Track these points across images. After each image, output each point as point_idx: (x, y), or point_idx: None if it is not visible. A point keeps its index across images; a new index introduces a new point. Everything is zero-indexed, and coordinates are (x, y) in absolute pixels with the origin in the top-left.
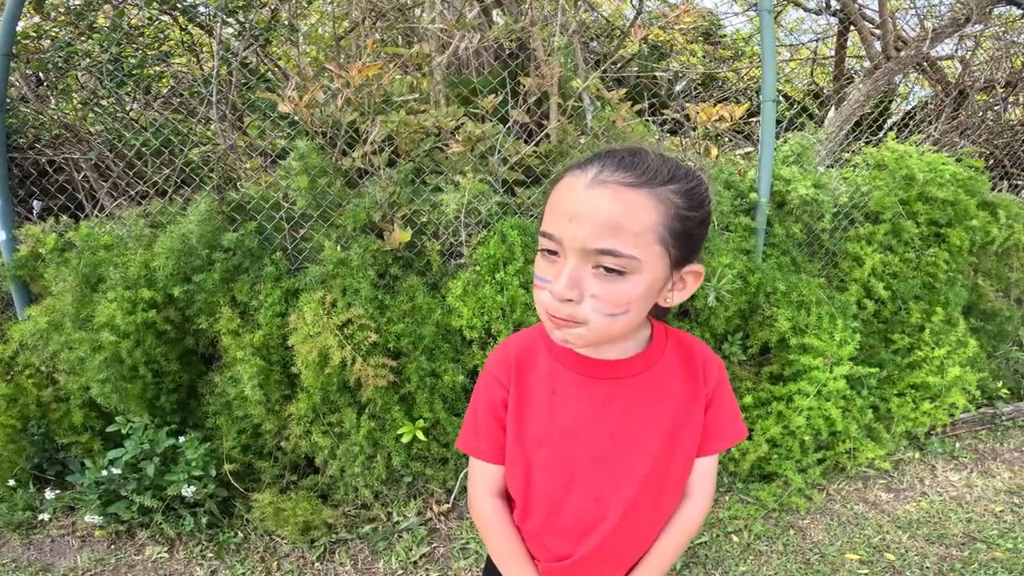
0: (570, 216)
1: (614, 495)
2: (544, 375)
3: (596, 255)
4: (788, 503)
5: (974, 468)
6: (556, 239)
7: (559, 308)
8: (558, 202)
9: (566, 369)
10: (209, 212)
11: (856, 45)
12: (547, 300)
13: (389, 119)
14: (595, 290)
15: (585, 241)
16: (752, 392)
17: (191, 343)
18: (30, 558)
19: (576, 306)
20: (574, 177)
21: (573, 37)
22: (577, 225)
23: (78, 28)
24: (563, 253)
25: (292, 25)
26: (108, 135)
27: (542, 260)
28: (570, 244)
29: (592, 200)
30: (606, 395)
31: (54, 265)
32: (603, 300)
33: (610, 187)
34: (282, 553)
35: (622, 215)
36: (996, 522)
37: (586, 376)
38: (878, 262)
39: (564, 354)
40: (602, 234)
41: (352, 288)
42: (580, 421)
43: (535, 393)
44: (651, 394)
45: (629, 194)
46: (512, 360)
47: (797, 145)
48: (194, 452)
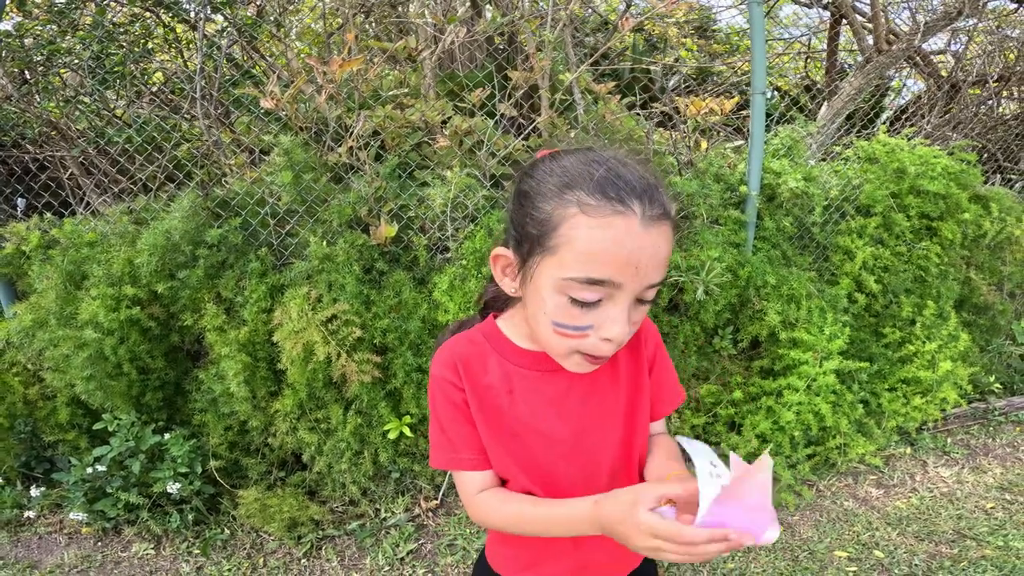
0: (635, 264)
1: (590, 486)
2: (498, 378)
3: (651, 289)
4: (777, 500)
5: (965, 464)
6: (615, 284)
7: (614, 351)
8: (605, 245)
9: (520, 368)
10: (193, 208)
11: (849, 39)
12: (593, 346)
13: (374, 114)
14: (635, 317)
15: (652, 280)
16: (742, 387)
17: (176, 340)
18: (17, 555)
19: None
20: (617, 217)
21: (564, 31)
22: (644, 271)
23: (60, 27)
24: (613, 297)
25: (278, 22)
26: (92, 132)
27: (571, 307)
28: (633, 288)
29: (654, 243)
30: (562, 387)
31: (38, 263)
32: (638, 322)
33: (660, 224)
34: (268, 550)
35: (671, 242)
36: (987, 519)
37: (542, 371)
38: (869, 255)
39: (516, 354)
40: (663, 271)
41: (338, 283)
42: (542, 417)
43: (492, 395)
44: (604, 376)
45: (665, 228)
46: (459, 363)
47: (787, 138)
48: (179, 449)
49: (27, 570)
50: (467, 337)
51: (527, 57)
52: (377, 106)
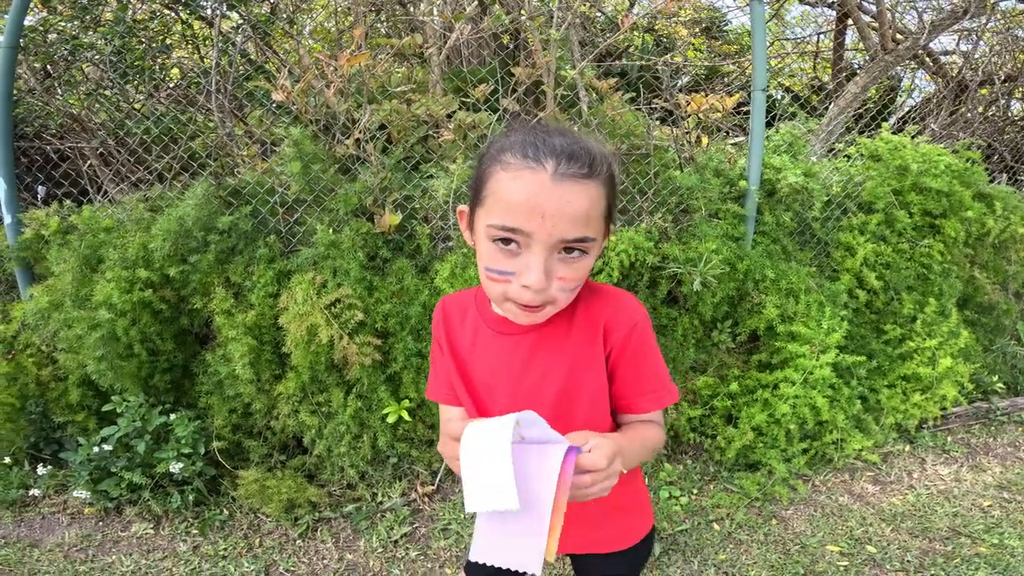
0: (541, 213)
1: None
2: (469, 330)
3: (571, 243)
4: (772, 493)
5: (965, 462)
6: (524, 233)
7: (534, 298)
8: (516, 196)
9: (485, 325)
10: (206, 196)
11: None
12: (517, 292)
13: (381, 107)
14: (562, 272)
15: (564, 233)
16: (739, 380)
17: (186, 323)
18: (19, 534)
19: (547, 290)
20: (529, 171)
21: (569, 30)
22: (551, 221)
23: (83, 22)
24: (529, 245)
25: (291, 19)
26: (112, 124)
27: (497, 252)
28: (543, 238)
29: (563, 196)
30: (508, 349)
31: (56, 247)
32: (568, 279)
33: (575, 181)
34: (265, 530)
35: (590, 207)
36: (983, 517)
37: (497, 332)
38: (870, 252)
39: (488, 313)
40: (578, 226)
41: (342, 269)
42: (492, 374)
43: (461, 346)
44: (546, 346)
45: (589, 187)
46: (442, 314)
47: (788, 135)
48: (184, 430)
49: (28, 548)
50: (463, 292)
51: (531, 53)
52: (384, 100)
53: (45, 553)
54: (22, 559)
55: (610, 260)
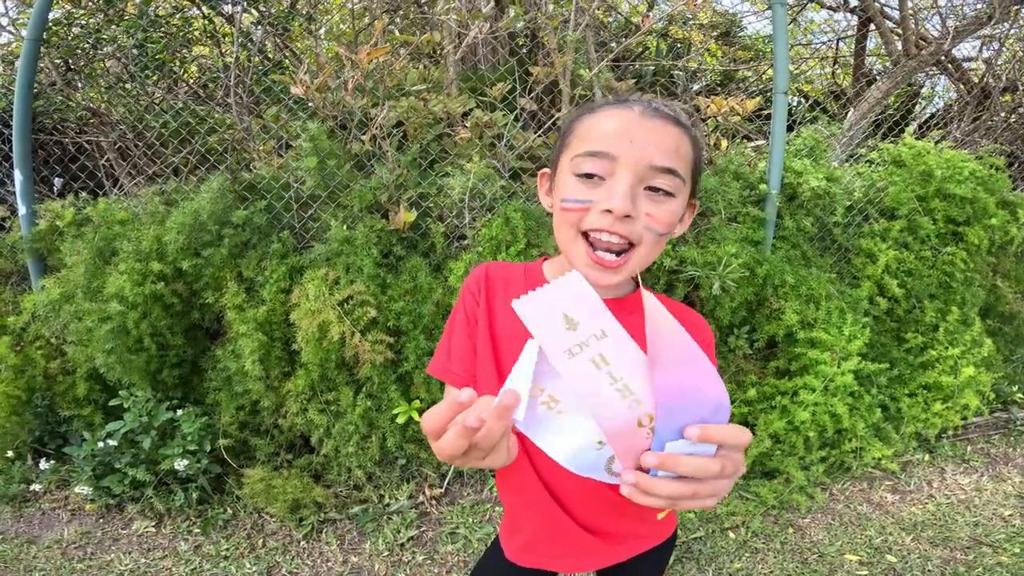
0: (630, 138)
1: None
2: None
3: (658, 174)
4: (789, 501)
5: (985, 472)
6: (611, 156)
7: (613, 225)
8: (604, 125)
9: None
10: (221, 190)
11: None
12: (595, 220)
13: (398, 104)
14: (649, 208)
15: (652, 158)
16: (756, 386)
17: (197, 317)
18: (18, 530)
19: (632, 224)
20: (618, 109)
21: (586, 31)
22: (639, 145)
23: (107, 16)
24: (614, 172)
25: (310, 15)
26: (131, 118)
27: (577, 183)
28: (630, 162)
29: (653, 126)
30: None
31: (70, 239)
32: (657, 219)
33: (665, 120)
34: (269, 531)
35: (679, 143)
36: (1004, 526)
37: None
38: (892, 259)
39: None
40: (668, 155)
41: (355, 266)
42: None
43: (502, 324)
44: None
45: (678, 130)
46: (484, 283)
47: (809, 138)
48: (190, 426)
49: (25, 544)
50: (508, 265)
51: (548, 53)
52: (401, 98)
53: (43, 550)
54: (19, 556)
55: None
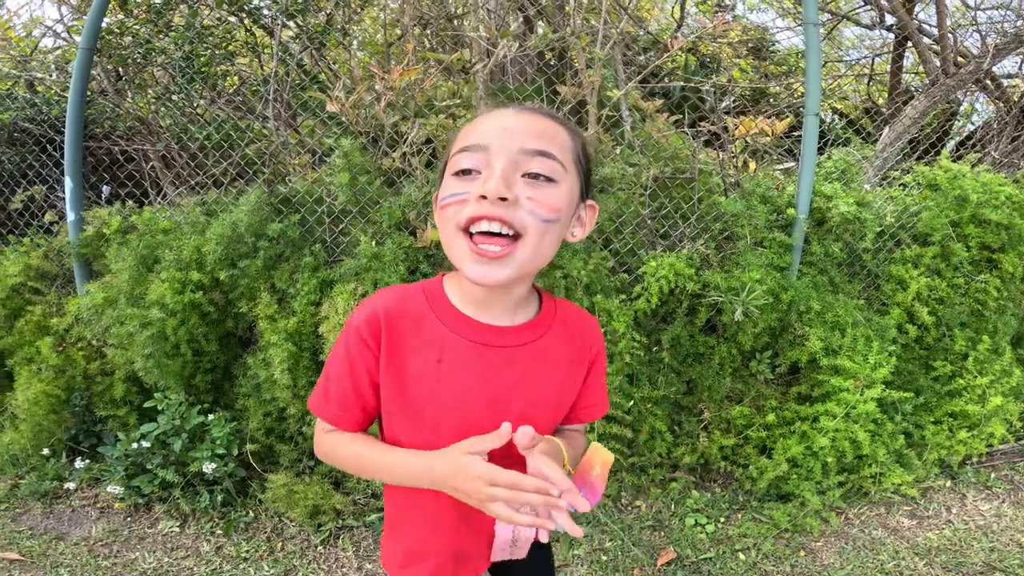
0: (502, 127)
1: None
2: (429, 340)
3: (532, 157)
4: (802, 524)
5: (1007, 498)
6: (481, 147)
7: (490, 210)
8: (480, 126)
9: (455, 335)
10: (258, 203)
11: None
12: (472, 210)
13: (428, 122)
14: (530, 193)
15: (523, 141)
16: (776, 411)
17: (231, 325)
18: (47, 526)
19: (512, 209)
20: (493, 110)
21: (614, 48)
22: (512, 134)
23: (157, 26)
24: (489, 162)
25: (345, 30)
26: (176, 128)
27: (454, 180)
28: (502, 147)
29: (525, 118)
30: (496, 364)
31: (116, 245)
32: (539, 203)
33: (539, 114)
34: (288, 535)
35: (555, 132)
36: (1020, 552)
37: (476, 343)
38: (924, 286)
39: (455, 319)
40: (541, 139)
41: (383, 282)
42: (466, 391)
43: (419, 360)
44: (538, 366)
45: (553, 121)
46: (384, 321)
47: (841, 161)
48: (220, 430)
49: (53, 541)
50: (404, 291)
51: (576, 72)
52: (431, 115)
53: (70, 546)
54: (46, 551)
55: (650, 285)
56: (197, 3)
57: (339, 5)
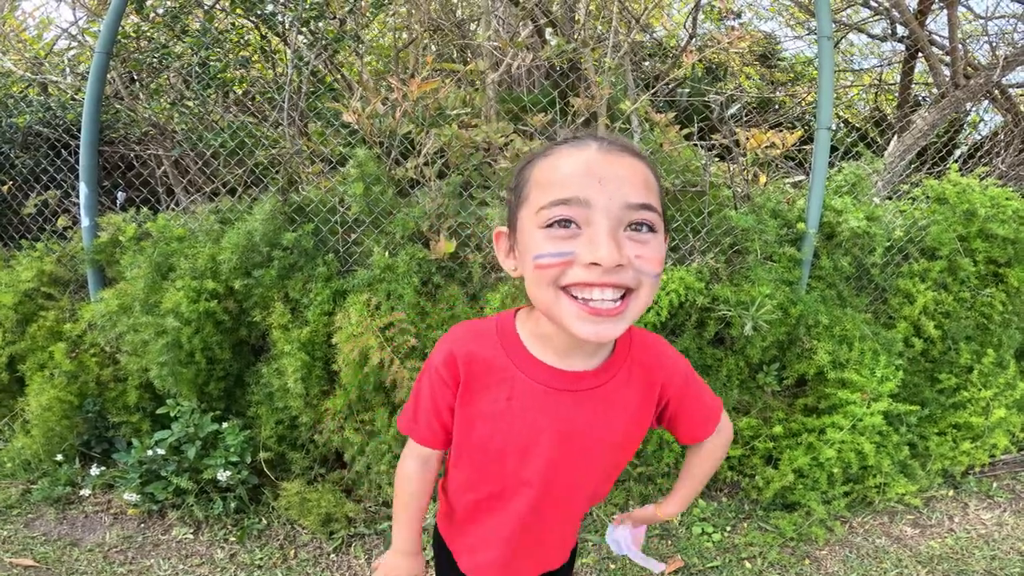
0: (598, 178)
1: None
2: (501, 380)
3: (635, 211)
4: (807, 533)
5: (1008, 507)
6: (582, 201)
7: (603, 278)
8: (566, 168)
9: (527, 378)
10: (273, 212)
11: (924, 72)
12: (581, 276)
13: (442, 132)
14: (638, 250)
15: (626, 194)
16: (783, 423)
17: (244, 334)
18: (60, 532)
19: (624, 272)
20: (573, 148)
21: (624, 59)
22: (611, 185)
23: (172, 31)
24: (590, 218)
25: (358, 36)
26: (190, 134)
27: (549, 236)
28: (606, 204)
29: (616, 163)
30: (565, 404)
31: (131, 252)
32: (647, 259)
33: (623, 154)
34: (301, 542)
35: (644, 174)
36: (1021, 560)
37: (549, 388)
38: (930, 300)
39: (528, 363)
40: (640, 191)
41: (396, 293)
42: (532, 426)
43: (488, 397)
44: (608, 408)
45: (639, 163)
46: (460, 363)
47: (851, 175)
48: (234, 438)
49: (67, 547)
50: (478, 329)
51: (588, 85)
52: (444, 125)
53: (84, 553)
54: (61, 557)
55: (660, 299)
56: (213, 7)
57: (352, 12)
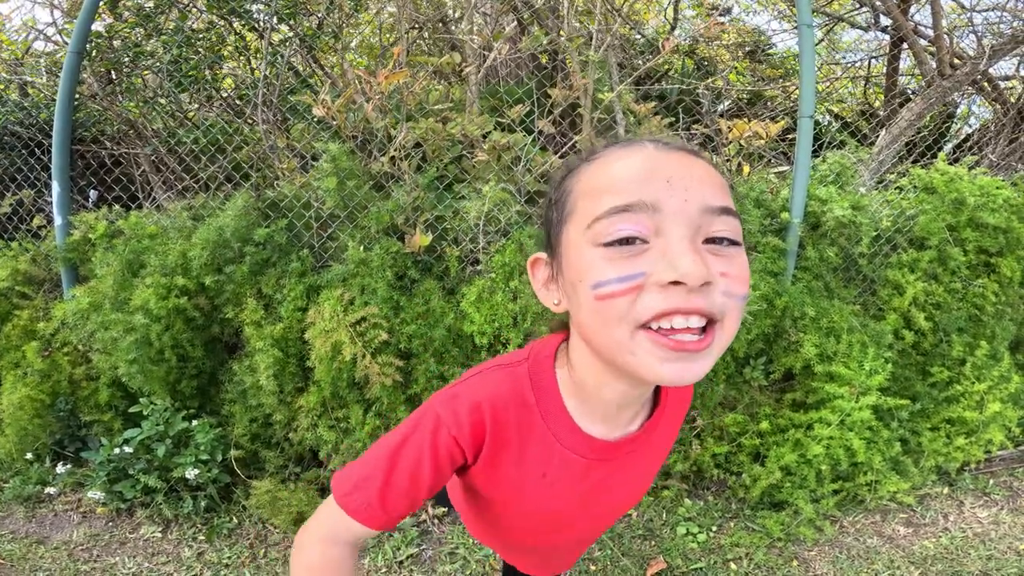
0: (665, 177)
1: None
2: (537, 454)
3: (716, 217)
4: (796, 533)
5: (1005, 505)
6: (648, 206)
7: (689, 300)
8: (623, 171)
9: (566, 449)
10: (245, 207)
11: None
12: (657, 301)
13: (417, 125)
14: (722, 267)
15: (705, 198)
16: (770, 418)
17: (216, 331)
18: (28, 530)
19: (711, 293)
20: (627, 149)
21: (608, 51)
22: (681, 184)
23: (146, 30)
24: (661, 227)
25: (336, 34)
26: (165, 132)
27: (608, 256)
28: (679, 207)
29: (685, 161)
30: (602, 474)
31: (102, 250)
32: (734, 278)
33: (690, 154)
34: (272, 541)
35: (723, 180)
36: (1018, 560)
37: (587, 458)
38: (920, 291)
39: (570, 434)
40: (717, 191)
41: (370, 288)
42: (565, 504)
43: (518, 472)
44: (642, 462)
45: (709, 164)
46: (488, 433)
47: (836, 164)
48: (204, 436)
49: (34, 545)
50: (512, 387)
51: (567, 75)
52: (421, 118)
53: (50, 550)
54: (26, 555)
55: None
56: (187, 7)
57: (330, 9)
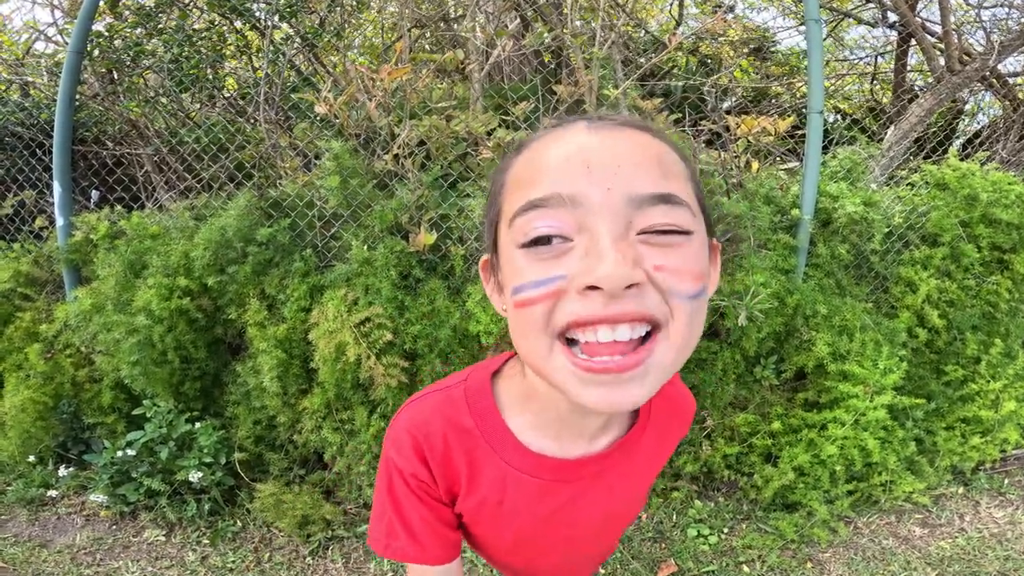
0: (586, 163)
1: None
2: (492, 478)
3: (649, 206)
4: (809, 535)
5: (1021, 505)
6: (565, 200)
7: (609, 307)
8: (545, 160)
9: (519, 472)
10: (248, 207)
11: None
12: (577, 310)
13: (421, 123)
14: (658, 259)
15: (632, 183)
16: (782, 418)
17: (220, 332)
18: (31, 534)
19: (641, 295)
20: (556, 133)
21: (612, 48)
22: (604, 172)
23: (147, 29)
24: (583, 223)
25: (339, 32)
26: (167, 132)
27: (528, 257)
28: (602, 199)
29: (613, 140)
30: (562, 498)
31: (104, 251)
32: (674, 271)
33: (626, 128)
34: (276, 545)
35: (660, 154)
36: None
37: (541, 479)
38: (934, 288)
39: (518, 455)
40: (653, 175)
41: (374, 287)
42: (534, 532)
43: (474, 502)
44: (620, 484)
45: (651, 137)
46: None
47: (847, 160)
48: (208, 439)
49: (37, 548)
50: (443, 412)
51: (572, 71)
52: (424, 116)
53: (53, 554)
54: (29, 559)
55: None
56: (187, 6)
57: (332, 8)
